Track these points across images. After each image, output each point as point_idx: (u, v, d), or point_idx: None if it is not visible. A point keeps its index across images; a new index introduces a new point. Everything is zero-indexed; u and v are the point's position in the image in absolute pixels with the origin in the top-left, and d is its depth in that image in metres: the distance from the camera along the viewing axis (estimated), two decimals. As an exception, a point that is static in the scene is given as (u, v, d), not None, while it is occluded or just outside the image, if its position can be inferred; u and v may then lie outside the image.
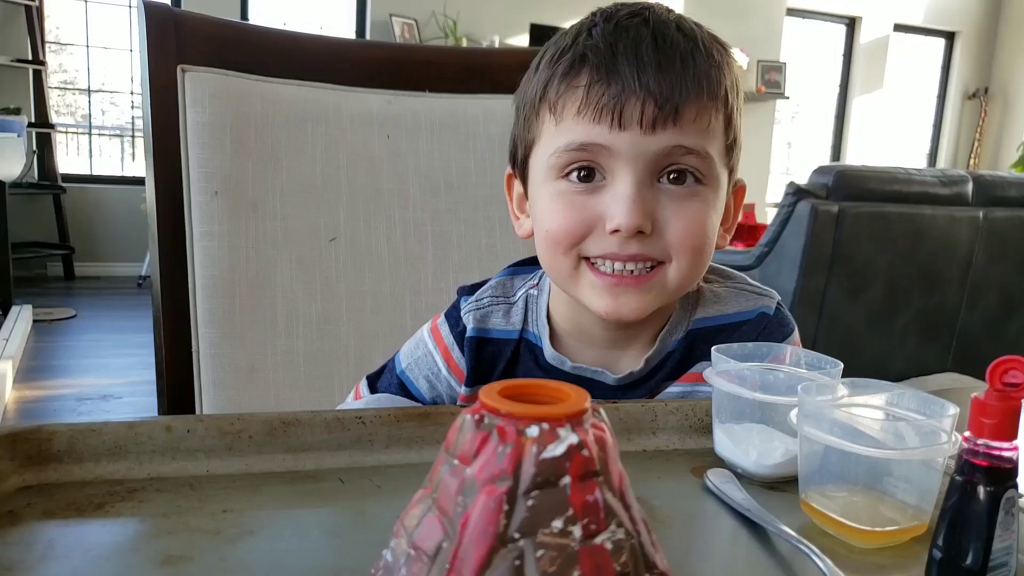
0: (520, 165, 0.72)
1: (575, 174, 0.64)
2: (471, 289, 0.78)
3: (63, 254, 5.53)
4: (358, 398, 0.80)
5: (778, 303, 0.75)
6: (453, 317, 0.76)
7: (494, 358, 0.74)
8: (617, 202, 0.62)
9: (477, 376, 0.74)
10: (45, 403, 3.17)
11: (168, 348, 0.97)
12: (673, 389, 0.73)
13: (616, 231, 0.62)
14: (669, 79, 0.61)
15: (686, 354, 0.72)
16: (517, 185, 0.75)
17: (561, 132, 0.65)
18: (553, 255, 0.67)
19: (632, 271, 0.64)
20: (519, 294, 0.76)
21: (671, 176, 0.64)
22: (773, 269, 2.61)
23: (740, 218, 0.74)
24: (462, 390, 0.75)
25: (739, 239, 4.69)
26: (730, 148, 0.67)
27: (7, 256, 4.23)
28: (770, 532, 0.48)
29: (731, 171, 0.69)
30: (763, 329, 0.73)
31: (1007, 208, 2.82)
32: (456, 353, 0.75)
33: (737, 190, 0.72)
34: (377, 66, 1.08)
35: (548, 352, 0.73)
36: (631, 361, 0.73)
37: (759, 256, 2.67)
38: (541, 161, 0.67)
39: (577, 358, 0.73)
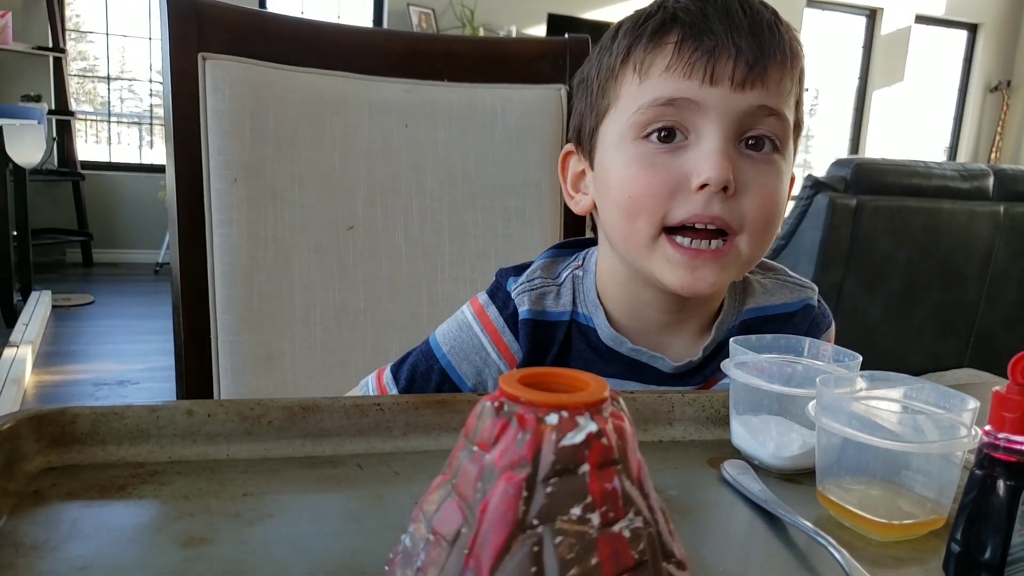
0: (588, 138, 0.71)
1: (655, 135, 0.64)
2: (515, 271, 0.76)
3: (82, 240, 5.58)
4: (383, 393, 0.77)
5: (818, 295, 0.76)
6: (500, 299, 0.74)
7: (548, 340, 0.73)
8: (705, 157, 0.62)
9: (533, 359, 0.72)
10: (63, 388, 3.21)
11: (187, 334, 0.98)
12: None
13: (703, 186, 0.62)
14: (759, 41, 0.62)
15: None
16: (574, 163, 0.74)
17: (645, 89, 0.64)
18: (632, 223, 0.65)
19: (710, 242, 0.64)
20: (564, 276, 0.75)
21: (750, 142, 0.64)
22: (790, 262, 2.59)
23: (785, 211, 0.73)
24: None
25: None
26: (797, 126, 0.68)
27: (27, 242, 4.27)
28: (787, 523, 0.48)
29: (794, 151, 0.69)
30: (812, 321, 0.75)
31: (1029, 203, 2.79)
32: (508, 336, 0.73)
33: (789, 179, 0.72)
34: (396, 55, 1.08)
35: (605, 332, 0.72)
36: (683, 348, 0.73)
37: (776, 249, 2.66)
38: (618, 124, 0.66)
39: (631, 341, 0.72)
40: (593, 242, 0.78)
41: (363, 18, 5.98)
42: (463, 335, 0.74)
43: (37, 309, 3.93)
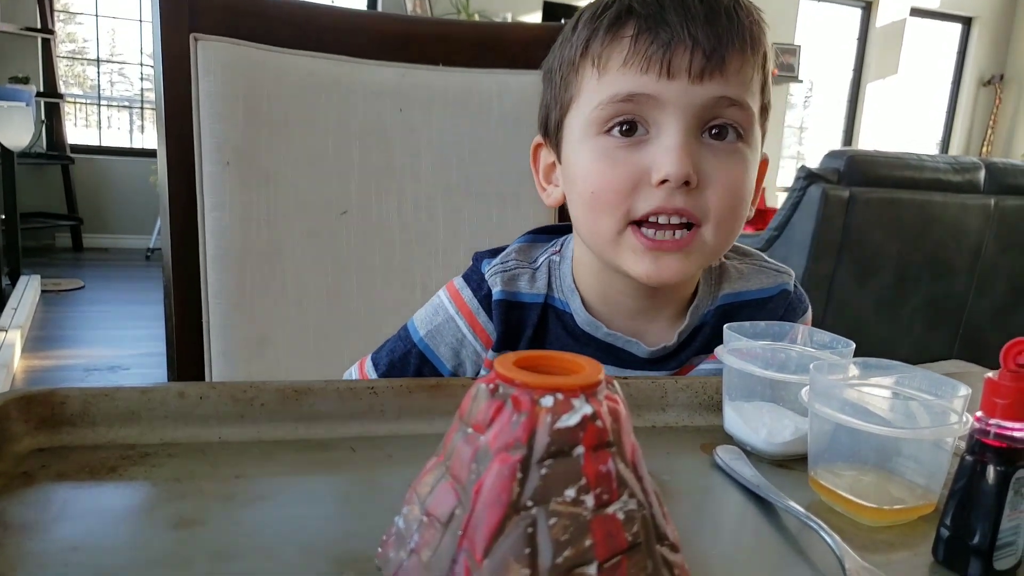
0: (554, 131, 0.71)
1: (617, 129, 0.64)
2: (491, 254, 0.76)
3: (71, 225, 5.54)
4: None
5: (795, 279, 0.77)
6: (475, 280, 0.75)
7: (521, 322, 0.73)
8: (665, 153, 0.62)
9: (506, 340, 0.73)
10: (53, 373, 3.20)
11: (178, 319, 0.97)
12: (706, 366, 0.73)
13: (664, 181, 0.62)
14: (716, 30, 0.61)
15: (716, 329, 0.72)
16: (545, 155, 0.75)
17: (605, 84, 0.64)
18: (597, 217, 0.65)
19: (674, 232, 0.64)
20: (541, 260, 0.75)
21: (713, 131, 0.64)
22: (782, 253, 2.60)
23: (761, 194, 0.73)
24: (488, 355, 0.74)
25: (748, 222, 4.67)
26: (764, 111, 0.68)
27: (15, 226, 4.24)
28: (778, 508, 0.48)
29: (763, 135, 0.69)
30: (788, 306, 0.75)
31: (1019, 196, 2.80)
32: (482, 317, 0.73)
33: (761, 162, 0.71)
34: (391, 39, 1.07)
35: (581, 317, 0.73)
36: (658, 333, 0.73)
37: (768, 240, 2.67)
38: (580, 118, 0.66)
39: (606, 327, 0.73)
40: (570, 228, 0.78)
41: (357, 2, 5.94)
42: (439, 318, 0.75)
43: (26, 293, 3.91)
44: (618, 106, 0.63)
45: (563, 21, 1.13)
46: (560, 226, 0.81)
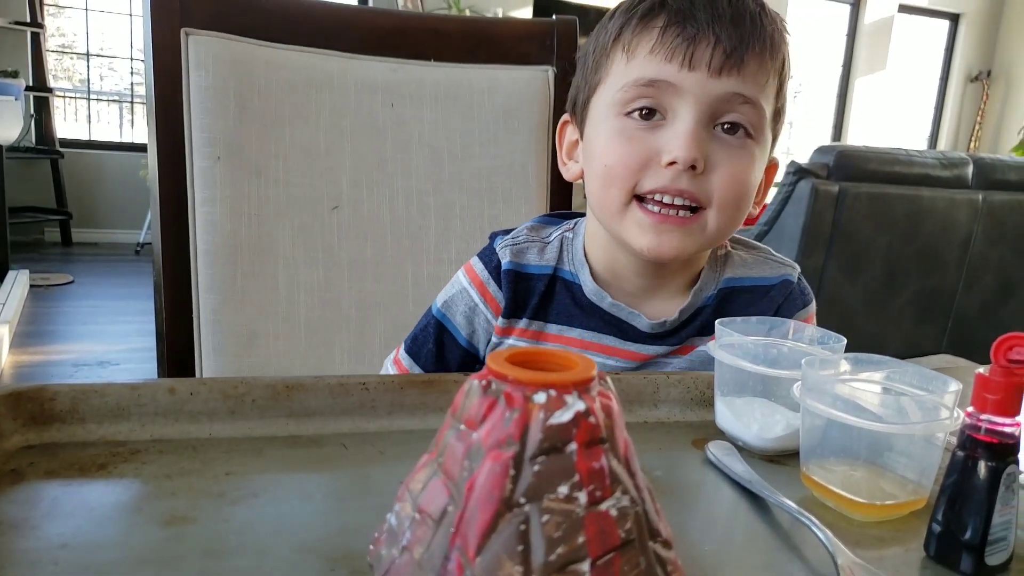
0: (580, 109, 0.76)
1: (637, 112, 0.68)
2: (505, 232, 0.81)
3: (61, 220, 5.50)
4: (403, 371, 0.82)
5: (799, 273, 0.80)
6: (486, 255, 0.80)
7: (528, 292, 0.78)
8: (676, 137, 0.66)
9: (514, 308, 0.78)
10: (42, 368, 3.17)
11: (169, 313, 0.97)
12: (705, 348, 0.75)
13: (672, 163, 0.66)
14: (739, 31, 0.66)
15: (716, 311, 0.76)
16: (570, 132, 0.79)
17: (631, 68, 0.69)
18: (607, 189, 0.70)
19: (677, 211, 0.68)
20: (553, 236, 0.80)
21: (724, 125, 0.68)
22: (772, 247, 2.59)
23: (767, 195, 0.77)
24: (497, 322, 0.78)
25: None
26: (777, 115, 0.72)
27: (4, 220, 4.20)
28: (770, 504, 0.48)
29: (774, 139, 0.73)
30: (788, 296, 0.78)
31: (1006, 191, 2.81)
32: (492, 287, 0.78)
33: (770, 166, 0.75)
34: (383, 34, 1.07)
35: (588, 287, 0.77)
36: (661, 310, 0.77)
37: (759, 235, 2.67)
38: (606, 98, 0.71)
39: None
40: (580, 214, 0.83)
41: (347, -3, 5.91)
42: (454, 290, 0.81)
43: (14, 288, 3.88)
44: (641, 89, 0.68)
45: (554, 17, 1.13)
46: (570, 212, 0.86)
